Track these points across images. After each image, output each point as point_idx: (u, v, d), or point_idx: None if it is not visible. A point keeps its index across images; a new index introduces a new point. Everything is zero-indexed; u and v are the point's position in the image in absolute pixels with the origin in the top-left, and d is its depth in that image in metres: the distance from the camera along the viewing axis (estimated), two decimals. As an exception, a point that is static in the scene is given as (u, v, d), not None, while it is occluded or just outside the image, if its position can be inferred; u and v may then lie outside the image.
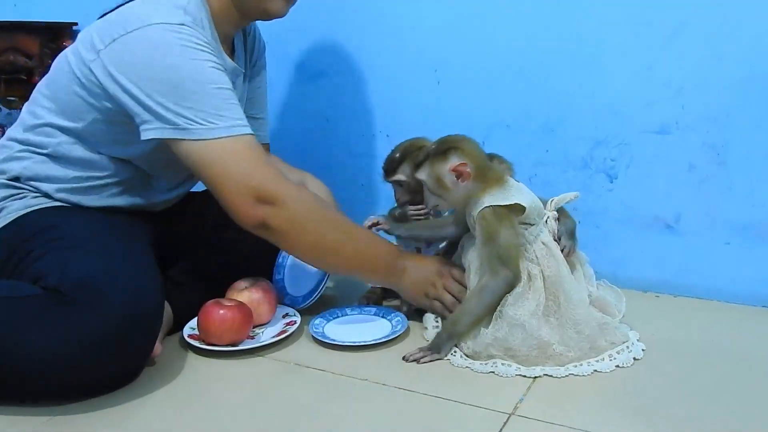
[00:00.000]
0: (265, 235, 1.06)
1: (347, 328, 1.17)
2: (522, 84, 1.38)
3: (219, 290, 1.17)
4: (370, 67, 1.23)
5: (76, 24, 1.85)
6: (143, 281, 0.96)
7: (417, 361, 1.04)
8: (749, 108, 1.21)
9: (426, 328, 1.13)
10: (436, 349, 1.05)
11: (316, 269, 1.25)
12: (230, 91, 1.03)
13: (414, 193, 1.22)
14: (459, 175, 1.03)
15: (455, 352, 1.05)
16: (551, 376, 0.99)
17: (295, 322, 1.17)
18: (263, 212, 1.02)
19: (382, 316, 1.21)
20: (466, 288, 1.08)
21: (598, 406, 0.92)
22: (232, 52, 1.22)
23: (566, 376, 0.98)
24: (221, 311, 1.09)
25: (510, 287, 1.01)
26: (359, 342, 1.10)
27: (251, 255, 1.25)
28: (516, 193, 1.03)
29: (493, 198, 1.02)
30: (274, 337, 1.12)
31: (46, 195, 1.12)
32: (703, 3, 1.22)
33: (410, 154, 1.25)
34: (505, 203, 1.01)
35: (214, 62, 1.03)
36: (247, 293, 1.16)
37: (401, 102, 1.51)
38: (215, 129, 1.00)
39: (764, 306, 1.25)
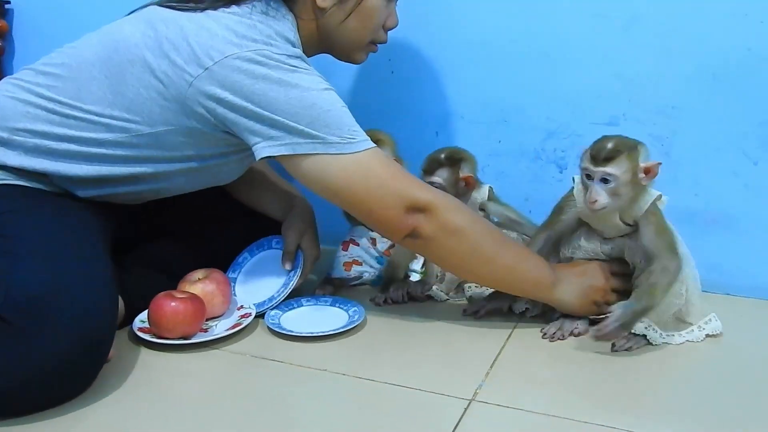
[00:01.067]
0: (415, 245, 1.04)
1: (304, 319, 1.15)
2: (476, 75, 1.39)
3: (174, 282, 1.14)
4: (322, 56, 1.22)
5: (8, 2, 1.76)
6: (95, 300, 0.89)
7: (629, 348, 1.04)
8: (694, 101, 1.26)
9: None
10: (628, 326, 1.02)
11: (275, 279, 1.21)
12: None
13: None
14: (647, 171, 1.02)
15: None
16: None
17: (250, 315, 1.14)
18: (414, 220, 1.00)
19: (339, 307, 1.20)
20: (630, 275, 1.08)
21: (557, 389, 0.94)
22: None
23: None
24: (173, 303, 1.06)
25: (679, 272, 1.04)
26: (317, 332, 1.09)
27: (211, 246, 1.22)
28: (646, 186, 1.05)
29: (645, 195, 1.04)
30: (228, 329, 1.09)
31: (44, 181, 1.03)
32: (654, -3, 1.25)
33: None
34: (654, 197, 1.04)
35: (334, 90, 1.01)
36: (200, 285, 1.13)
37: (354, 92, 1.49)
38: (354, 143, 0.98)
39: (706, 291, 1.30)
